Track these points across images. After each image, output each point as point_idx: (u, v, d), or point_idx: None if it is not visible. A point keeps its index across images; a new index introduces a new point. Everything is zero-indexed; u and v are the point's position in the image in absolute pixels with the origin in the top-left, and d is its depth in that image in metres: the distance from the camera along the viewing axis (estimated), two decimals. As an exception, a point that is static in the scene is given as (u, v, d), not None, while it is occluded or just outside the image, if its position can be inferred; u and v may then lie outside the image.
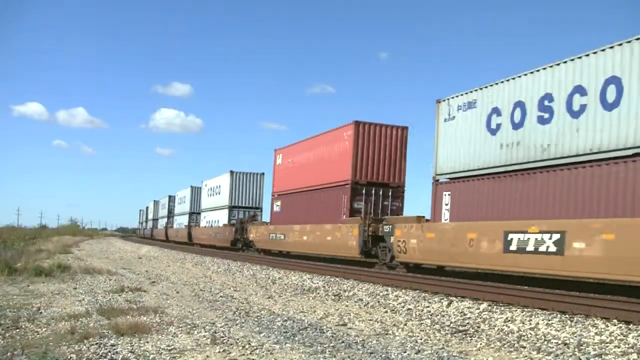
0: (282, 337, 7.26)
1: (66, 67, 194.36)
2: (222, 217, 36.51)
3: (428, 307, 10.22)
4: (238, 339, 6.99)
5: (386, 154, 19.93)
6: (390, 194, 19.90)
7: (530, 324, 8.28)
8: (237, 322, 8.47)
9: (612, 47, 11.00)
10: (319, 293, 12.97)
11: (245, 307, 10.11)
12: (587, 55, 11.50)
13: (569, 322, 8.23)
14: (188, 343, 6.73)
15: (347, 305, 10.95)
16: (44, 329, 7.53)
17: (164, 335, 7.13)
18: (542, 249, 11.47)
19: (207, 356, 6.15)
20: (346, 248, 18.87)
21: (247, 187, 35.51)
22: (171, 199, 56.35)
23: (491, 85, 14.07)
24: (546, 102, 12.40)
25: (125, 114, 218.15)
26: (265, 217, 31.44)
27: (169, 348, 6.41)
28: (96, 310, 9.11)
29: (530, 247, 11.75)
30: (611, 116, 10.88)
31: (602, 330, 7.62)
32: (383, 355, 6.35)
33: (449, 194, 15.15)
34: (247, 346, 6.62)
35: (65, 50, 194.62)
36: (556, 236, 11.20)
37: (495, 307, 9.74)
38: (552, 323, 8.19)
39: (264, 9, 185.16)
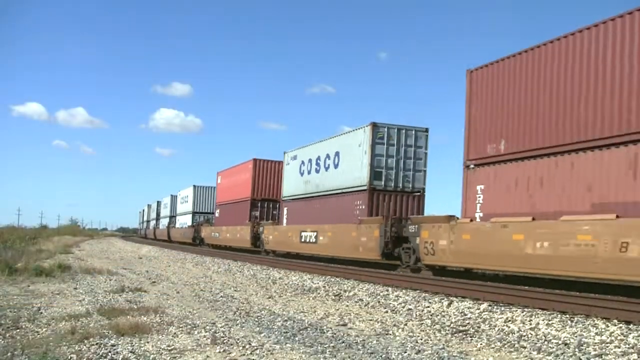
0: (282, 337, 7.27)
1: (65, 67, 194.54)
2: (188, 220, 46.66)
3: (428, 307, 10.22)
4: (238, 339, 6.99)
5: (274, 180, 29.94)
6: (278, 206, 28.72)
7: (531, 324, 8.28)
8: (238, 322, 8.47)
9: (337, 136, 21.75)
10: (319, 293, 12.97)
11: (245, 307, 10.11)
12: (331, 138, 22.23)
13: (569, 322, 8.23)
14: (188, 343, 6.73)
15: (347, 306, 10.95)
16: (44, 329, 7.54)
17: (164, 336, 7.13)
18: (311, 240, 21.90)
19: (208, 356, 6.16)
20: (245, 241, 29.35)
21: (205, 197, 45.79)
22: (159, 204, 65.79)
23: (303, 147, 24.84)
24: (318, 160, 22.91)
25: (124, 114, 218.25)
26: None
27: (169, 348, 6.42)
28: (96, 310, 9.11)
29: (307, 240, 22.18)
30: (337, 172, 21.13)
31: (603, 330, 7.63)
32: (383, 356, 6.36)
33: (286, 208, 26.05)
34: (247, 346, 6.62)
35: (65, 50, 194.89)
36: (314, 233, 21.66)
37: (495, 307, 9.74)
38: (552, 323, 8.19)
39: (263, 9, 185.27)
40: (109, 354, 6.09)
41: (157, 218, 66.07)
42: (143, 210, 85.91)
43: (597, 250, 10.08)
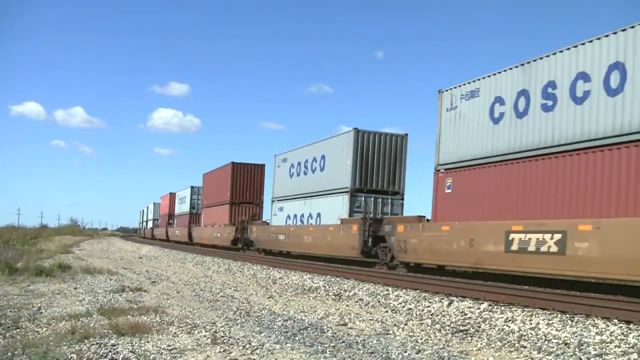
0: (282, 337, 7.26)
1: (63, 67, 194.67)
2: (150, 224, 73.02)
3: (428, 306, 10.22)
4: (239, 339, 6.99)
5: (174, 204, 52.87)
6: (174, 219, 53.10)
7: (531, 323, 8.28)
8: (238, 322, 8.47)
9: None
10: (319, 293, 12.97)
11: (245, 307, 10.11)
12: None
13: (569, 322, 8.23)
14: (189, 343, 6.73)
15: (347, 305, 10.95)
16: (44, 329, 7.54)
17: (164, 335, 7.13)
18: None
19: (208, 356, 6.15)
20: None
21: (157, 210, 67.27)
22: (143, 211, 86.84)
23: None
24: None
25: (123, 113, 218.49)
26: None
27: (169, 348, 6.42)
28: (97, 310, 9.11)
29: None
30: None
31: (603, 330, 7.62)
32: (384, 355, 6.36)
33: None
34: (247, 346, 6.62)
35: (62, 49, 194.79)
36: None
37: (495, 307, 9.73)
38: (552, 323, 8.19)
39: (261, 9, 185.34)
40: (109, 353, 6.09)
41: (142, 221, 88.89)
42: (142, 212, 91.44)
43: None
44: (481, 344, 7.26)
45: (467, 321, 8.79)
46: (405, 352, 6.55)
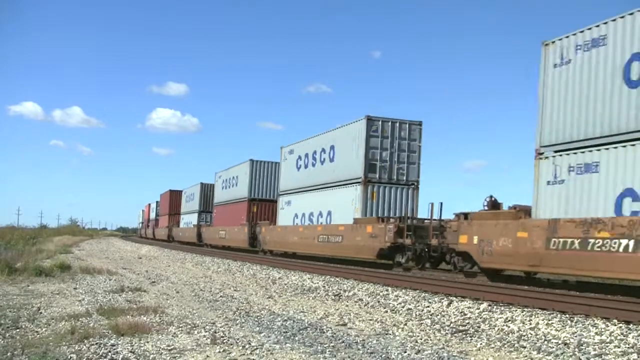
0: (282, 337, 7.26)
1: (61, 66, 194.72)
2: (141, 225, 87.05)
3: (428, 307, 10.22)
4: (238, 339, 6.99)
5: (149, 212, 76.16)
6: (147, 224, 78.34)
7: (531, 323, 8.28)
8: (237, 322, 8.47)
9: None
10: (319, 293, 12.97)
11: (245, 307, 10.11)
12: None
13: (569, 322, 8.23)
14: (188, 343, 6.73)
15: (347, 305, 10.94)
16: (44, 329, 7.53)
17: (164, 335, 7.13)
18: None
19: (207, 356, 6.15)
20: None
21: (144, 215, 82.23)
22: (139, 214, 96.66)
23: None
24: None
25: (121, 113, 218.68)
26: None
27: (169, 348, 6.41)
28: (96, 310, 9.11)
29: None
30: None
31: (602, 330, 7.63)
32: (383, 355, 6.36)
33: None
34: (247, 346, 6.62)
35: (60, 49, 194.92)
36: None
37: (495, 307, 9.74)
38: (552, 323, 8.19)
39: (259, 9, 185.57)
40: (109, 353, 6.09)
41: (139, 222, 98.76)
42: (139, 214, 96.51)
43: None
44: (481, 344, 7.27)
45: (466, 321, 8.79)
46: (405, 352, 6.56)
